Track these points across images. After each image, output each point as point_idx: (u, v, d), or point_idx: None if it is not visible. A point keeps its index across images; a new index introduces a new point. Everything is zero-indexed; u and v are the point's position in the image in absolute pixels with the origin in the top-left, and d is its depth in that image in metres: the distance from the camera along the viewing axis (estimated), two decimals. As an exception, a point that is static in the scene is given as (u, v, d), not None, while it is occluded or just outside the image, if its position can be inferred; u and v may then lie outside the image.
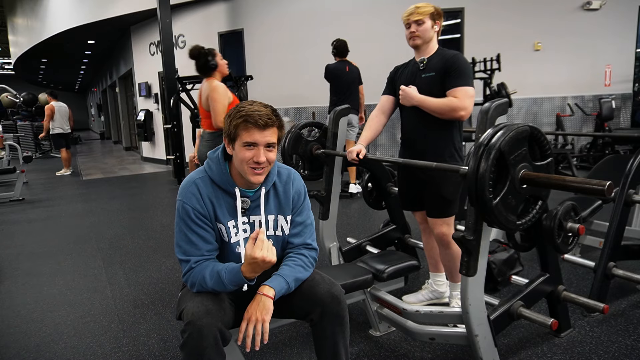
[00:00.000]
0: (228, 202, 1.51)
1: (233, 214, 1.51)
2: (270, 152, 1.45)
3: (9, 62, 22.10)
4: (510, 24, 6.58)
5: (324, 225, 2.53)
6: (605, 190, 1.28)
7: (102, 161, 11.29)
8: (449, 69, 2.02)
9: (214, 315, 1.35)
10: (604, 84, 6.64)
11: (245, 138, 1.42)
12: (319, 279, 1.55)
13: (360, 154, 2.21)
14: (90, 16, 9.12)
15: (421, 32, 2.08)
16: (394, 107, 2.30)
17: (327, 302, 1.49)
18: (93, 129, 26.30)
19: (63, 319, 2.52)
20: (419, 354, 2.01)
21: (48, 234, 4.45)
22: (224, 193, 1.50)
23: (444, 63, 2.05)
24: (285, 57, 7.42)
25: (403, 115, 2.25)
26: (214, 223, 1.50)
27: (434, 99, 2.02)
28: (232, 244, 1.53)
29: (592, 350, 1.96)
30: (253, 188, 1.52)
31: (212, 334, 1.33)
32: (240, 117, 1.41)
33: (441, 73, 2.05)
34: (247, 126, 1.41)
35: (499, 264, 2.54)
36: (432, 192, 2.14)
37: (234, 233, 1.52)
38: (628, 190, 2.28)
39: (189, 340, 1.32)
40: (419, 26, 2.08)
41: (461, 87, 1.99)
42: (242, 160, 1.43)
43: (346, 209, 4.74)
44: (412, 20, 2.08)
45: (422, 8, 2.07)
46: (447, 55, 2.08)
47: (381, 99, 2.31)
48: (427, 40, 2.10)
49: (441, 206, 2.14)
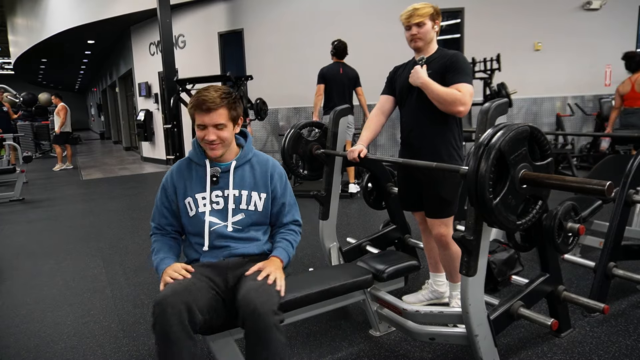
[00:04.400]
0: (200, 175, 1.74)
1: (204, 187, 1.72)
2: (221, 130, 1.66)
3: (9, 62, 22.08)
4: (510, 24, 6.57)
5: (324, 225, 2.53)
6: (605, 190, 1.28)
7: (102, 161, 11.29)
8: (449, 66, 2.02)
9: (180, 294, 1.44)
10: (604, 84, 6.64)
11: (197, 121, 1.66)
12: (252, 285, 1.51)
13: (362, 153, 2.21)
14: (90, 16, 9.12)
15: (422, 34, 2.07)
16: (393, 107, 2.30)
17: (247, 315, 1.41)
18: (93, 129, 26.28)
19: (63, 319, 2.52)
20: (419, 354, 2.01)
21: (48, 234, 4.45)
22: (198, 166, 1.76)
23: (443, 62, 2.04)
24: (285, 57, 7.41)
25: (402, 114, 2.24)
26: (181, 201, 1.74)
27: (439, 86, 1.98)
28: (200, 214, 1.71)
29: (592, 351, 1.96)
30: (223, 162, 1.74)
31: (176, 311, 1.38)
32: (192, 103, 1.65)
33: (441, 71, 2.03)
34: (197, 111, 1.65)
35: (499, 264, 2.53)
36: (431, 192, 2.13)
37: (202, 204, 1.71)
38: (628, 190, 2.28)
39: (155, 320, 1.42)
40: (420, 28, 2.07)
41: (463, 84, 1.97)
42: (199, 138, 1.69)
43: (346, 209, 4.74)
44: (412, 22, 2.07)
45: (421, 10, 2.05)
46: (447, 54, 2.08)
47: (380, 99, 2.31)
48: (428, 41, 2.10)
49: (440, 207, 2.13)
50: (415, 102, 2.12)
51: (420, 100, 2.07)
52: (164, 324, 1.39)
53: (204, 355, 2.04)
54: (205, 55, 8.23)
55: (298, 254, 3.42)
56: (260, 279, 1.56)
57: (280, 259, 1.71)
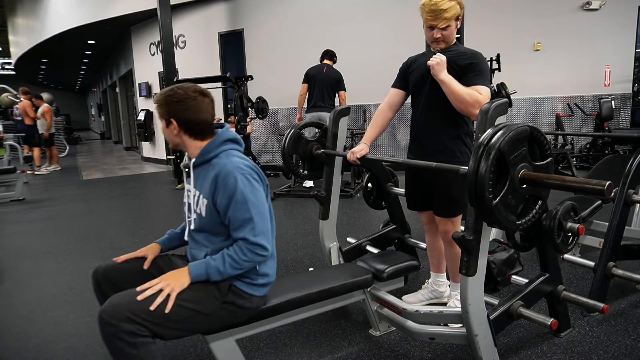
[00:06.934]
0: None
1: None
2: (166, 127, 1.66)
3: (9, 62, 22.08)
4: (510, 24, 6.57)
5: (324, 225, 2.53)
6: (604, 190, 1.28)
7: (102, 161, 11.29)
8: (469, 67, 1.93)
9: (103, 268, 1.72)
10: (604, 84, 6.64)
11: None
12: (125, 294, 1.48)
13: (360, 153, 2.19)
14: (90, 16, 9.13)
15: (447, 36, 1.97)
16: (402, 102, 2.22)
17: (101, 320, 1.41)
18: (93, 129, 26.29)
19: (63, 319, 2.52)
20: (419, 354, 2.01)
21: (48, 233, 4.45)
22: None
23: (461, 60, 1.95)
24: (285, 57, 7.42)
25: (415, 109, 2.16)
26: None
27: (460, 85, 1.89)
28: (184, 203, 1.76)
29: (592, 350, 1.96)
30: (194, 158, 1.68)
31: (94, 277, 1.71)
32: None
33: (457, 70, 1.94)
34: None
35: (498, 264, 2.53)
36: (441, 191, 2.09)
37: (186, 195, 1.74)
38: (628, 190, 2.28)
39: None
40: (444, 31, 1.95)
41: (483, 86, 1.90)
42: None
43: (346, 209, 4.75)
44: (437, 26, 1.94)
45: (449, 11, 1.89)
46: (465, 53, 1.98)
47: (390, 93, 2.21)
48: (451, 42, 2.01)
49: (449, 205, 2.09)
50: (430, 97, 2.05)
51: (435, 95, 2.00)
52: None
53: (204, 355, 2.05)
54: (206, 56, 8.23)
55: (298, 253, 3.43)
56: (144, 289, 1.47)
57: (189, 271, 1.52)
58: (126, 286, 1.53)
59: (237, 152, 1.67)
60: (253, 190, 1.55)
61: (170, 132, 1.64)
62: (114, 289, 1.59)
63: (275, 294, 1.75)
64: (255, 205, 1.54)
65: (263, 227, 1.55)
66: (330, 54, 5.69)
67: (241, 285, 1.60)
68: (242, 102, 6.21)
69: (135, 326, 1.38)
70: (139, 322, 1.39)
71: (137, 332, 1.39)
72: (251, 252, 1.53)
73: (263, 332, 1.88)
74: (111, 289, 1.64)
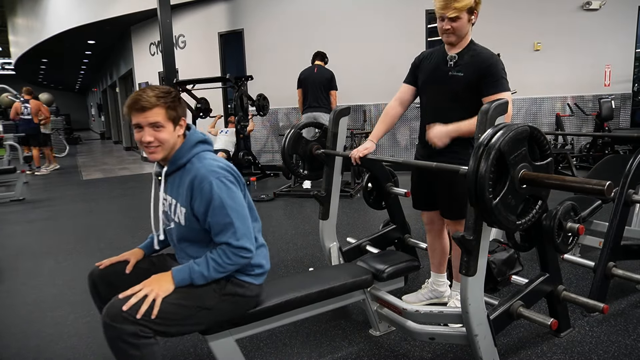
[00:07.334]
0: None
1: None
2: (158, 131, 1.53)
3: (9, 62, 22.09)
4: (510, 24, 6.57)
5: (324, 225, 2.53)
6: (604, 190, 1.28)
7: (102, 161, 11.29)
8: (485, 75, 1.87)
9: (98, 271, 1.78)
10: (604, 84, 6.64)
11: (133, 121, 1.54)
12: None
13: (364, 152, 2.15)
14: (90, 16, 9.14)
15: (456, 28, 1.87)
16: (412, 99, 2.18)
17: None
18: (93, 129, 26.28)
19: (63, 319, 2.52)
20: (419, 354, 2.01)
21: (48, 233, 4.45)
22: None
23: (477, 66, 1.88)
24: (285, 57, 7.42)
25: (423, 108, 2.13)
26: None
27: (467, 123, 1.84)
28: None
29: (592, 350, 1.96)
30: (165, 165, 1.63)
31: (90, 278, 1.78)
32: (127, 104, 1.53)
33: (472, 77, 1.89)
34: (131, 111, 1.53)
35: (498, 264, 2.54)
36: (447, 192, 2.08)
37: (161, 203, 1.69)
38: (628, 190, 2.28)
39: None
40: (454, 22, 1.85)
41: (502, 93, 1.84)
42: (137, 140, 1.56)
43: (346, 209, 4.74)
44: (447, 15, 1.84)
45: (459, 1, 1.80)
46: (481, 56, 1.90)
47: (401, 88, 2.17)
48: (462, 36, 1.91)
49: (456, 207, 2.06)
50: (439, 97, 2.02)
51: (444, 95, 1.98)
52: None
53: (204, 355, 2.05)
54: (206, 56, 8.24)
55: (298, 253, 3.42)
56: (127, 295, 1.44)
57: (172, 275, 1.51)
58: (123, 287, 1.53)
59: (209, 154, 1.63)
60: (230, 193, 1.52)
61: (176, 133, 1.58)
62: (111, 290, 1.59)
63: (276, 294, 1.75)
64: (234, 209, 1.51)
65: (244, 230, 1.53)
66: (321, 54, 5.77)
67: (239, 275, 1.62)
68: (242, 102, 6.22)
69: (137, 327, 1.39)
70: (141, 324, 1.39)
71: (139, 334, 1.39)
72: (235, 256, 1.51)
73: (263, 332, 1.88)
74: (107, 290, 1.65)
